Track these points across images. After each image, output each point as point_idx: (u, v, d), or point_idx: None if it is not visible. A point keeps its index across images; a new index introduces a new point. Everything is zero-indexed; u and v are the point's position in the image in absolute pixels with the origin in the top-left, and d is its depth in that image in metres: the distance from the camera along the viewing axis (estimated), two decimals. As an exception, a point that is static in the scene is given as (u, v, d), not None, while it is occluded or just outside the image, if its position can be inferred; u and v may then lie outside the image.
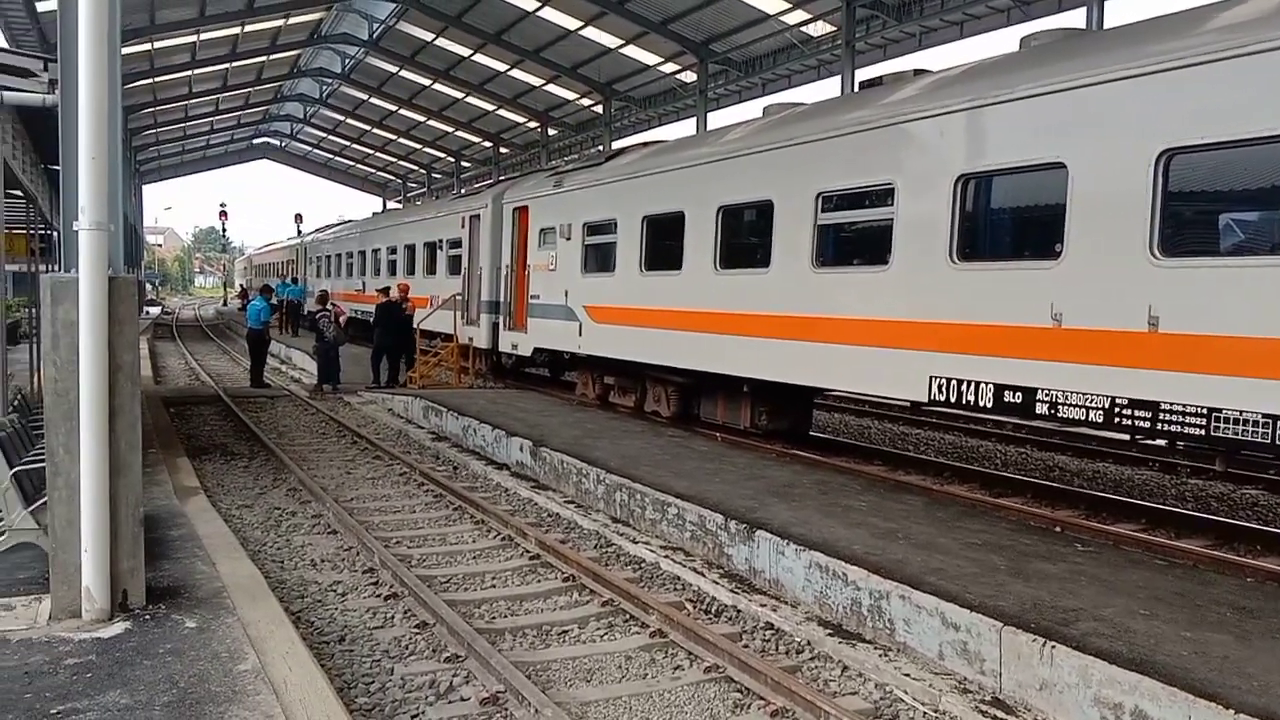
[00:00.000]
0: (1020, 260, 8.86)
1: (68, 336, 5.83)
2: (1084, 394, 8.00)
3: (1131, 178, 7.65)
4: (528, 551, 8.81)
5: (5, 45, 21.84)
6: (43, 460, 6.25)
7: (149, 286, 71.36)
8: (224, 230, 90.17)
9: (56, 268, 14.34)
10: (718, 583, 7.79)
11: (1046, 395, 8.31)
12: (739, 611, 7.26)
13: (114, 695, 4.80)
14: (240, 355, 29.21)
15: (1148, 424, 7.56)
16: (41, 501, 6.31)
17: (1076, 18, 23.38)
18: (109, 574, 5.88)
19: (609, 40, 34.04)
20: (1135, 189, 7.61)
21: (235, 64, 42.48)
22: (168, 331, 43.56)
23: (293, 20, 38.23)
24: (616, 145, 31.52)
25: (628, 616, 7.12)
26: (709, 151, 13.25)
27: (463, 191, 29.73)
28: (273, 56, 43.46)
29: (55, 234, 16.67)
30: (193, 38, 36.22)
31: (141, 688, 4.89)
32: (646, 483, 9.63)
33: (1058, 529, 8.63)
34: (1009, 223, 9.58)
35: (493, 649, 6.16)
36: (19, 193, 12.09)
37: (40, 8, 24.41)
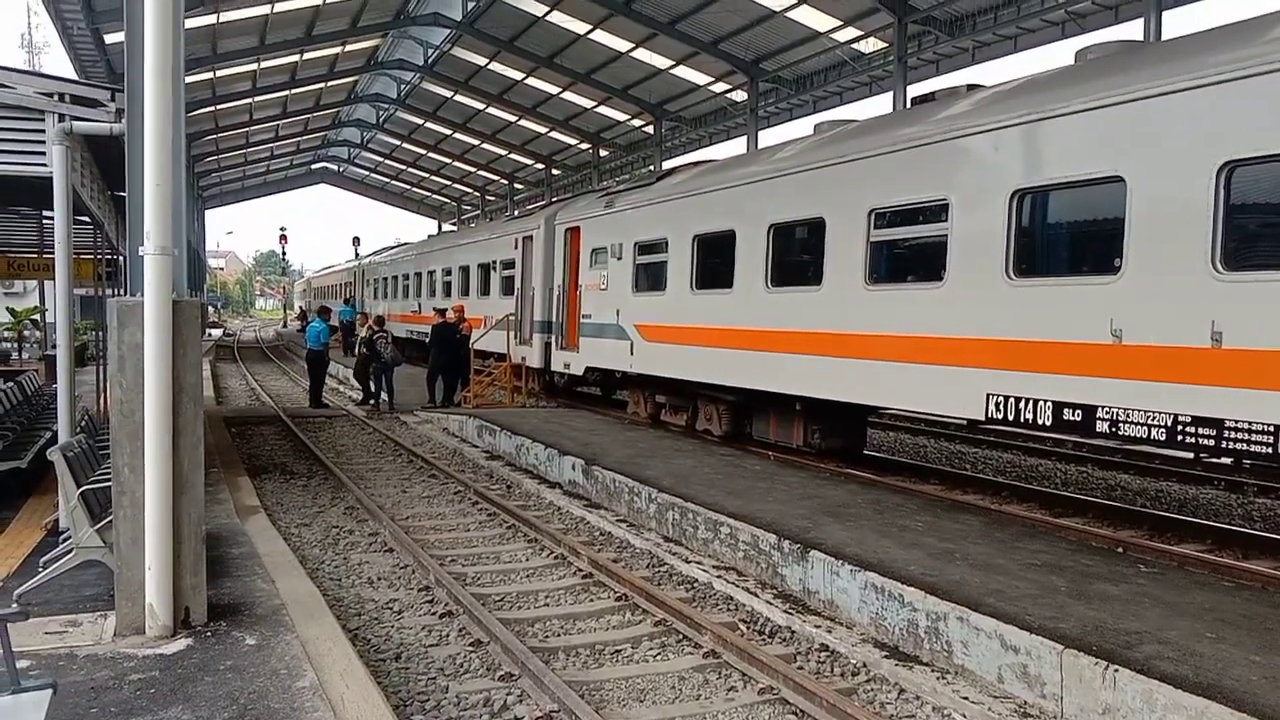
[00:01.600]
0: (1078, 276, 8.72)
1: (133, 359, 5.98)
2: (1145, 411, 7.83)
3: (1192, 191, 7.50)
4: (580, 570, 8.83)
5: (75, 76, 22.56)
6: (109, 479, 6.40)
7: (211, 309, 72.89)
8: (284, 254, 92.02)
9: (122, 292, 14.73)
10: (771, 603, 7.73)
11: (1107, 413, 8.16)
12: (793, 632, 7.20)
13: (176, 711, 4.89)
14: (299, 376, 29.71)
15: (1212, 442, 7.38)
16: (107, 519, 6.46)
17: (1133, 29, 23.01)
18: (172, 591, 6.01)
19: (660, 61, 34.23)
20: (1196, 202, 7.47)
21: (294, 91, 43.41)
22: (229, 353, 44.43)
23: (350, 47, 39.00)
24: (667, 165, 31.64)
25: (681, 636, 7.10)
26: (760, 170, 13.25)
27: (516, 213, 30.02)
28: (331, 83, 44.35)
29: (121, 258, 17.11)
30: (253, 66, 37.08)
31: (203, 703, 4.98)
32: (699, 502, 9.61)
33: (1120, 549, 8.45)
34: (1066, 238, 9.44)
35: (546, 668, 6.18)
36: (86, 219, 12.43)
37: (108, 39, 25.16)
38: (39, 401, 15.05)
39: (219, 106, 41.24)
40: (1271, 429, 6.97)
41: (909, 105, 16.93)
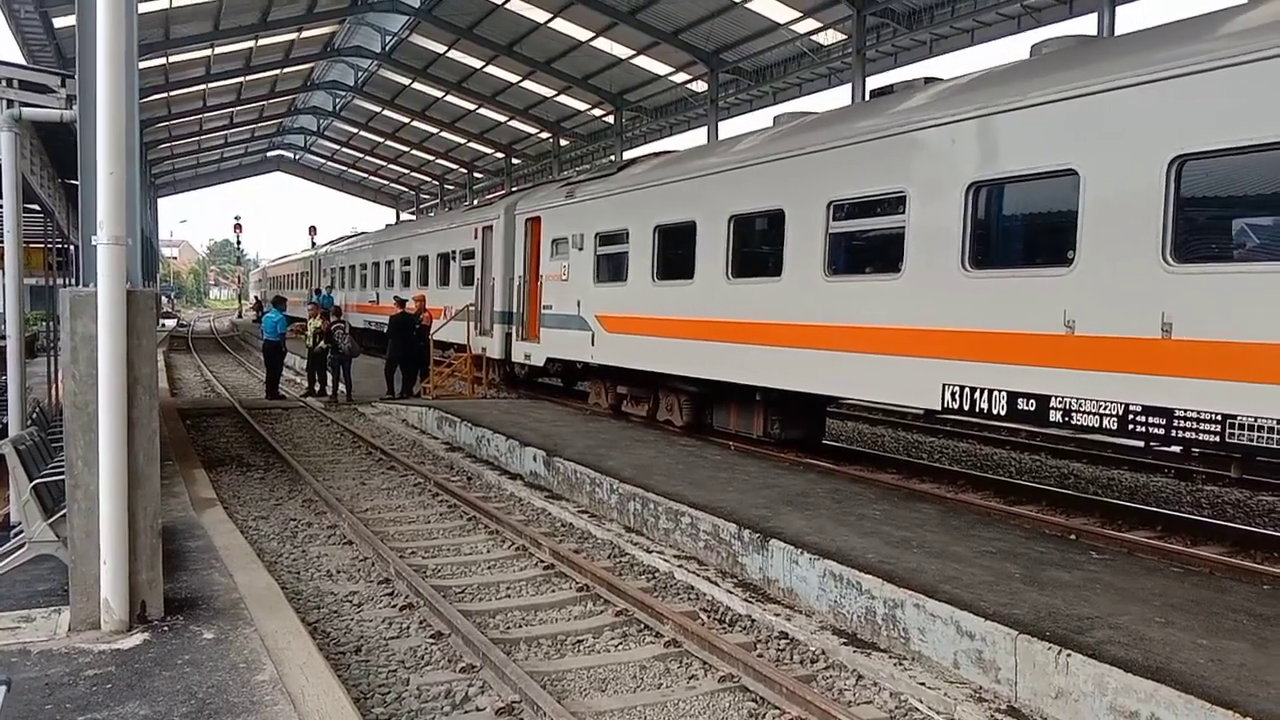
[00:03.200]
0: (1032, 267, 8.85)
1: (87, 350, 5.89)
2: (1097, 401, 7.98)
3: (1143, 184, 7.64)
4: (542, 561, 8.84)
5: (23, 61, 22.07)
6: (62, 472, 6.31)
7: (164, 300, 71.74)
8: (239, 243, 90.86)
9: (73, 281, 14.46)
10: (732, 592, 7.79)
11: (1060, 402, 8.30)
12: (753, 621, 7.26)
13: (133, 706, 4.84)
14: (255, 367, 29.36)
15: (1162, 431, 7.54)
16: (60, 514, 6.37)
17: (1087, 24, 23.34)
18: (127, 585, 5.93)
19: (620, 51, 34.16)
20: (1147, 195, 7.61)
21: (249, 77, 42.78)
22: (183, 344, 43.79)
23: (306, 34, 38.49)
24: (628, 155, 31.59)
25: (642, 626, 7.14)
26: (720, 161, 13.28)
27: (475, 203, 29.81)
28: (286, 70, 43.76)
29: (72, 248, 16.81)
30: (207, 52, 36.50)
31: (160, 698, 4.93)
32: (660, 492, 9.65)
33: (1072, 537, 8.61)
34: (1021, 230, 9.57)
35: (508, 659, 6.19)
36: (36, 207, 12.20)
37: (57, 24, 24.65)
38: (-13, 393, 14.75)
39: (172, 93, 40.55)
40: (1219, 418, 7.13)
41: (868, 97, 17.07)
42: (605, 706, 5.81)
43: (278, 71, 43.76)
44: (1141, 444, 8.97)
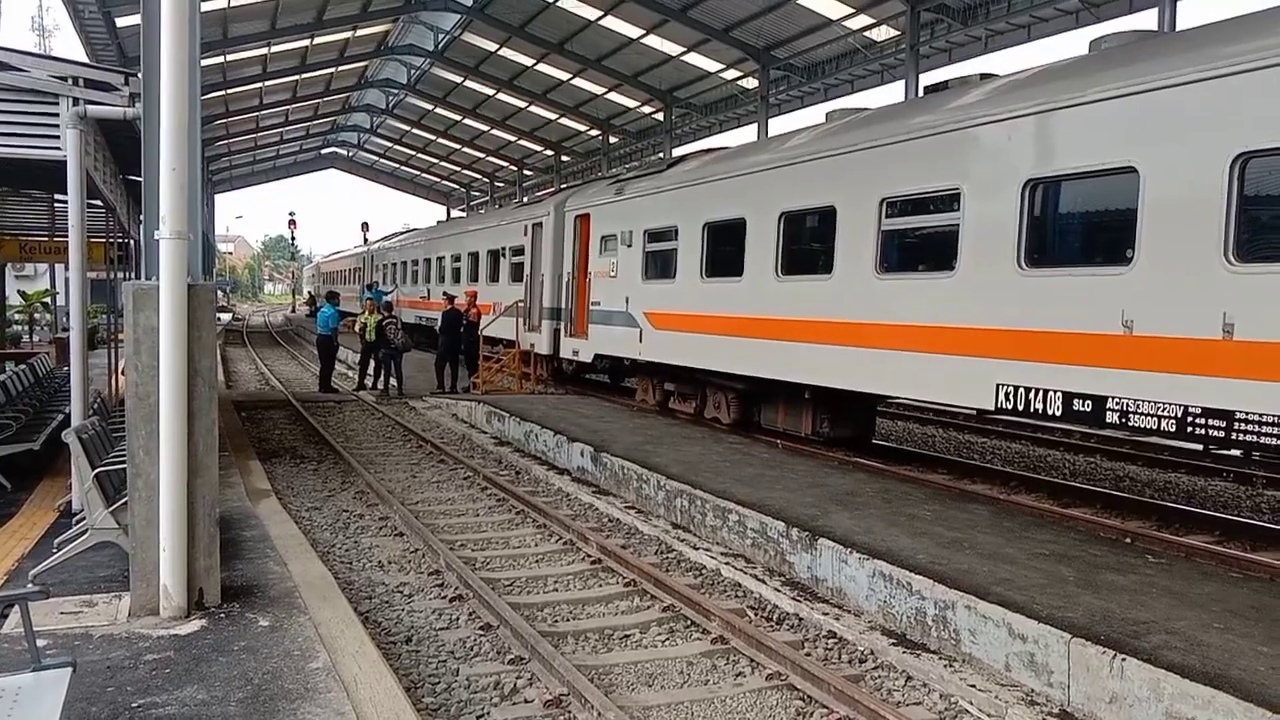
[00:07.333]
0: (1090, 266, 8.70)
1: (149, 342, 6.03)
2: (1155, 403, 7.84)
3: (1206, 182, 7.48)
4: (589, 556, 8.88)
5: (86, 60, 22.57)
6: (123, 461, 6.45)
7: (220, 294, 72.99)
8: (293, 238, 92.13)
9: (133, 275, 14.76)
10: (779, 590, 7.77)
11: (1117, 404, 8.16)
12: (801, 619, 7.24)
13: (191, 690, 4.95)
14: (308, 361, 29.78)
15: (1222, 433, 7.38)
16: (122, 501, 6.52)
17: (1148, 19, 22.86)
18: (186, 573, 6.07)
19: (670, 48, 34.09)
20: (1209, 193, 7.45)
21: (304, 76, 43.32)
22: (238, 337, 44.55)
23: (361, 32, 38.91)
24: (677, 152, 31.55)
25: (689, 622, 7.14)
26: (771, 158, 13.22)
27: (525, 200, 29.97)
28: (341, 68, 44.26)
29: (133, 242, 17.17)
30: (264, 50, 37.05)
31: (218, 683, 5.04)
32: (707, 489, 9.65)
33: (1128, 540, 8.46)
34: (1078, 228, 9.41)
35: (556, 652, 6.23)
36: (99, 203, 12.47)
37: (120, 23, 25.17)
38: (50, 384, 15.15)
39: (229, 91, 41.20)
40: (1282, 421, 6.96)
41: (921, 94, 16.88)
42: (653, 701, 5.83)
43: (332, 70, 44.29)
44: (1200, 447, 8.81)
